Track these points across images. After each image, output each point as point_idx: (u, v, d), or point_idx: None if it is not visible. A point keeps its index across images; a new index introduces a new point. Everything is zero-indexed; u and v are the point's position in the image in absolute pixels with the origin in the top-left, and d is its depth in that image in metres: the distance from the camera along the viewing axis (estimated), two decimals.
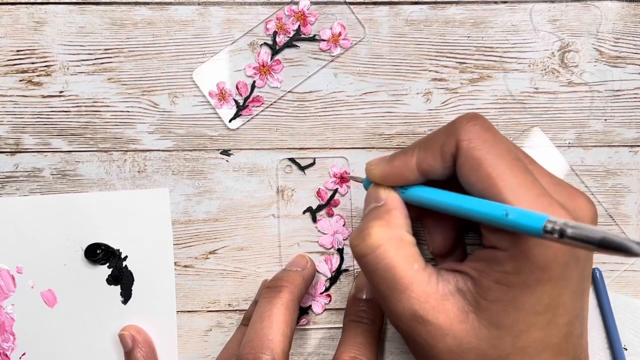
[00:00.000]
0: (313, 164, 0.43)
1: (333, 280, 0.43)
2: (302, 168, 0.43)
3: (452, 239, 0.39)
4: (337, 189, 0.43)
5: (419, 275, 0.33)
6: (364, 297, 0.42)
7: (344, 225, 0.43)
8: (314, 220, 0.43)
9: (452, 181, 0.34)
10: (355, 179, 0.41)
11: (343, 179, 0.43)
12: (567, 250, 0.30)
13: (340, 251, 0.43)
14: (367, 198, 0.37)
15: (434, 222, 0.39)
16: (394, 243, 0.33)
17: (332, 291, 0.43)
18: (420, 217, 0.39)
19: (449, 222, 0.38)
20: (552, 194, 0.31)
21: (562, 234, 0.26)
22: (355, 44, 0.43)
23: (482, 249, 0.33)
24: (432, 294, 0.32)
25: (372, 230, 0.34)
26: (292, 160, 0.43)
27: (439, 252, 0.39)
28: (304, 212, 0.43)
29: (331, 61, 0.43)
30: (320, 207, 0.43)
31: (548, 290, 0.30)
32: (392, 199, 0.35)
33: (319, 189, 0.43)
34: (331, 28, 0.43)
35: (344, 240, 0.43)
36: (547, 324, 0.31)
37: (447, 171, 0.33)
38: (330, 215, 0.43)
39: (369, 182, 0.37)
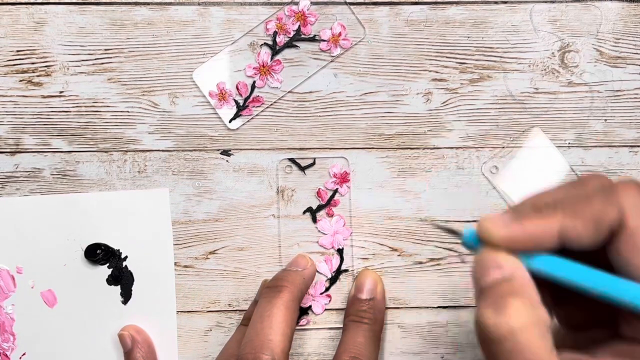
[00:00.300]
0: (313, 164, 0.43)
1: (333, 280, 0.43)
2: (302, 168, 0.43)
3: (588, 311, 0.32)
4: (337, 189, 0.43)
5: None
6: (364, 297, 0.42)
7: (344, 225, 0.43)
8: (314, 220, 0.43)
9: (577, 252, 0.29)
10: (449, 231, 0.33)
11: (343, 179, 0.43)
12: None
13: (340, 251, 0.43)
14: (482, 264, 0.29)
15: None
16: (539, 329, 0.26)
17: (332, 291, 0.43)
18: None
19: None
20: None
21: None
22: (355, 44, 0.43)
23: (623, 343, 0.28)
24: None
25: (513, 308, 0.26)
26: (292, 160, 0.43)
27: (571, 326, 0.33)
28: (304, 212, 0.43)
29: (331, 61, 0.43)
30: (320, 208, 0.43)
31: None
32: (521, 270, 0.28)
33: (319, 189, 0.43)
34: (331, 28, 0.43)
35: (344, 240, 0.43)
36: None
37: (596, 244, 0.28)
38: (330, 215, 0.43)
39: (476, 241, 0.30)
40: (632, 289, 0.26)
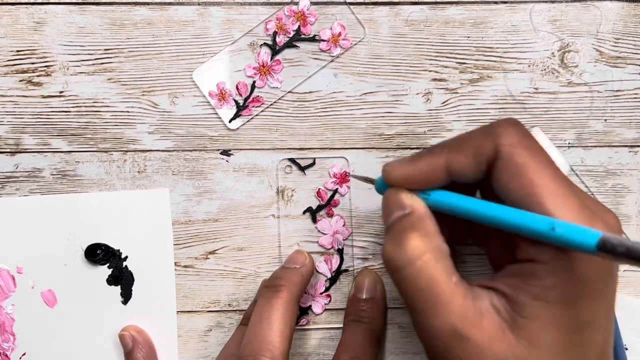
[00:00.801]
0: (313, 164, 0.43)
1: (333, 280, 0.43)
2: (302, 168, 0.43)
3: (461, 239, 0.38)
4: (337, 189, 0.43)
5: (458, 289, 0.30)
6: (364, 296, 0.42)
7: (344, 225, 0.43)
8: (314, 220, 0.43)
9: (468, 185, 0.33)
10: (365, 180, 0.39)
11: (343, 179, 0.43)
12: (607, 264, 0.29)
13: (340, 251, 0.43)
14: (388, 204, 0.34)
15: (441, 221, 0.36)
16: (434, 255, 0.31)
17: (332, 291, 0.43)
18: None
19: (451, 226, 0.37)
20: (592, 208, 0.29)
21: (614, 251, 0.25)
22: (355, 44, 0.43)
23: (516, 264, 0.31)
24: (470, 309, 0.30)
25: (411, 241, 0.31)
26: (292, 160, 0.43)
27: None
28: (304, 212, 0.43)
29: (331, 61, 0.43)
30: (320, 208, 0.43)
31: (587, 305, 0.29)
32: (419, 205, 0.33)
33: (319, 189, 0.43)
34: (331, 28, 0.43)
35: (344, 240, 0.43)
36: (585, 343, 0.29)
37: (478, 175, 0.32)
38: (330, 215, 0.43)
39: (384, 185, 0.35)
40: (515, 214, 0.29)
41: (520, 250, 0.31)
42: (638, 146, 0.43)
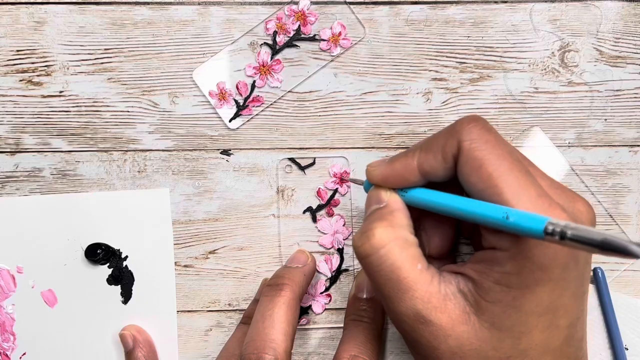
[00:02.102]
0: (313, 163, 0.43)
1: (333, 280, 0.43)
2: (302, 168, 0.43)
3: (450, 241, 0.39)
4: (337, 188, 0.43)
5: (422, 276, 0.32)
6: (365, 296, 0.42)
7: (344, 225, 0.43)
8: (314, 220, 0.43)
9: (452, 184, 0.34)
10: (355, 181, 0.41)
11: (343, 179, 0.43)
12: (567, 251, 0.30)
13: (340, 251, 0.43)
14: (368, 200, 0.37)
15: (432, 224, 0.39)
16: (398, 243, 0.33)
17: (332, 291, 0.43)
18: (419, 219, 0.39)
19: (447, 225, 0.38)
20: (552, 197, 0.31)
21: (562, 236, 0.26)
22: (355, 43, 0.43)
23: (481, 251, 0.33)
24: (434, 295, 0.32)
25: (376, 230, 0.33)
26: (292, 160, 0.43)
27: (436, 254, 0.39)
28: (304, 212, 0.43)
29: (331, 61, 0.43)
30: (320, 207, 0.43)
31: (548, 291, 0.30)
32: (394, 200, 0.35)
33: (319, 188, 0.43)
34: (331, 28, 0.43)
35: (344, 240, 0.43)
36: (547, 326, 0.31)
37: (448, 172, 0.34)
38: (330, 215, 0.43)
39: (370, 185, 0.37)
40: (474, 205, 0.31)
41: (483, 239, 0.33)
42: (638, 146, 0.43)
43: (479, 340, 0.31)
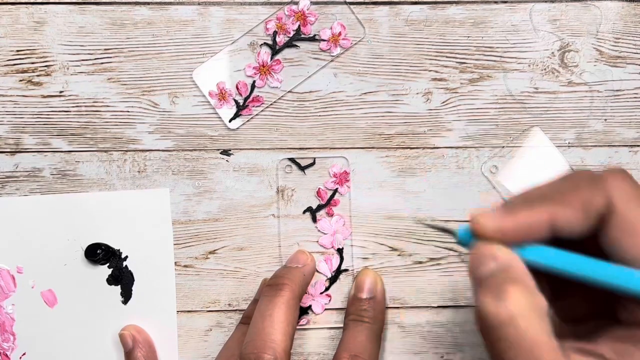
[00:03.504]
0: (313, 164, 0.43)
1: (333, 280, 0.43)
2: (302, 168, 0.43)
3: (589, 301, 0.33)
4: (337, 189, 0.43)
5: (558, 354, 0.27)
6: (365, 296, 0.42)
7: (343, 225, 0.43)
8: (314, 220, 0.43)
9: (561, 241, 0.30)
10: (441, 229, 0.34)
11: (343, 179, 0.43)
12: None
13: (340, 251, 0.43)
14: (478, 256, 0.29)
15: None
16: (538, 315, 0.27)
17: (332, 291, 0.43)
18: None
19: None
20: None
21: None
22: (355, 44, 0.43)
23: (625, 327, 0.28)
24: None
25: (512, 294, 0.27)
26: (292, 160, 0.43)
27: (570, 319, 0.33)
28: (304, 212, 0.43)
29: (331, 61, 0.43)
30: (320, 207, 0.43)
31: None
32: (516, 259, 0.29)
33: (319, 188, 0.43)
34: (331, 28, 0.43)
35: (344, 240, 0.43)
36: None
37: (586, 231, 0.28)
38: (330, 215, 0.43)
39: (467, 236, 0.31)
40: (625, 274, 0.27)
41: (627, 312, 0.28)
42: (638, 146, 0.43)
43: None
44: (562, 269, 0.28)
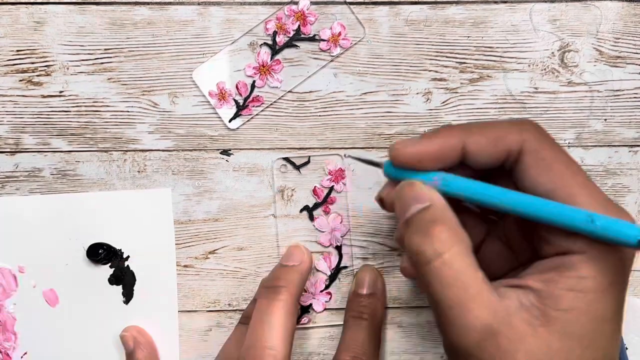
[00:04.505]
0: (308, 162, 0.43)
1: (332, 277, 0.44)
2: (298, 167, 0.43)
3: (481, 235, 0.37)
4: (332, 186, 0.43)
5: (486, 286, 0.30)
6: (365, 292, 0.42)
7: (341, 222, 0.43)
8: (311, 218, 0.43)
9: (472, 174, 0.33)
10: (369, 162, 0.37)
11: (338, 176, 0.43)
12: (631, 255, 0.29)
13: (338, 248, 0.43)
14: (404, 197, 0.32)
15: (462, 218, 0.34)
16: (461, 248, 0.30)
17: (332, 289, 0.44)
18: None
19: (479, 227, 0.36)
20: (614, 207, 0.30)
21: None
22: (355, 44, 0.43)
23: (547, 259, 0.31)
24: (499, 307, 0.29)
25: (439, 233, 0.30)
26: (287, 159, 0.43)
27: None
28: (301, 210, 0.43)
29: (331, 61, 0.43)
30: (317, 205, 0.43)
31: (617, 294, 0.29)
32: (437, 196, 0.31)
33: (315, 187, 0.43)
34: (331, 28, 0.43)
35: (342, 237, 0.43)
36: (612, 333, 0.30)
37: (492, 161, 0.32)
38: (327, 213, 0.43)
39: (391, 167, 0.33)
40: (551, 206, 0.29)
41: (550, 245, 0.30)
42: (638, 146, 0.43)
43: (550, 349, 0.29)
44: (491, 201, 0.31)
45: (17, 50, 0.43)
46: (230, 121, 0.43)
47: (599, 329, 0.29)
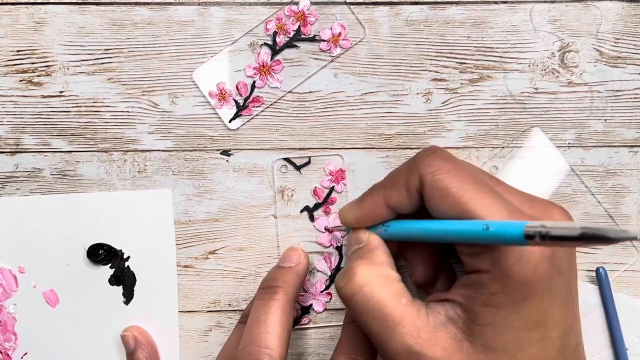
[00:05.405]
0: (308, 163, 0.43)
1: (333, 278, 0.44)
2: (298, 167, 0.43)
3: (433, 267, 0.39)
4: (333, 187, 0.43)
5: (408, 310, 0.33)
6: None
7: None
8: (312, 219, 0.43)
9: (421, 214, 0.35)
10: (339, 229, 0.43)
11: (339, 176, 0.43)
12: (548, 262, 0.30)
13: (339, 249, 0.43)
14: (349, 242, 0.38)
15: (414, 254, 0.39)
16: (380, 281, 0.34)
17: (332, 289, 0.44)
18: (401, 252, 0.40)
19: (429, 252, 0.39)
20: (525, 210, 0.32)
21: (543, 236, 0.26)
22: (355, 44, 0.43)
23: (466, 275, 0.33)
24: (423, 327, 0.32)
25: (357, 269, 0.34)
26: (287, 160, 0.43)
27: (422, 282, 0.40)
28: (301, 211, 0.43)
29: (331, 61, 0.43)
30: (317, 206, 0.43)
31: (535, 305, 0.31)
32: (372, 238, 0.37)
33: (315, 187, 0.43)
34: (331, 28, 0.43)
35: (342, 237, 0.43)
36: (540, 340, 0.31)
37: (414, 205, 0.35)
38: (328, 213, 0.43)
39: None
40: (453, 224, 0.32)
41: (464, 264, 0.33)
42: (638, 146, 0.43)
43: None
44: (413, 233, 0.35)
45: (17, 51, 0.43)
46: (230, 121, 0.43)
47: (523, 338, 0.31)
